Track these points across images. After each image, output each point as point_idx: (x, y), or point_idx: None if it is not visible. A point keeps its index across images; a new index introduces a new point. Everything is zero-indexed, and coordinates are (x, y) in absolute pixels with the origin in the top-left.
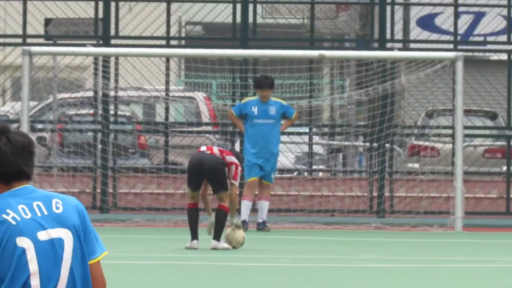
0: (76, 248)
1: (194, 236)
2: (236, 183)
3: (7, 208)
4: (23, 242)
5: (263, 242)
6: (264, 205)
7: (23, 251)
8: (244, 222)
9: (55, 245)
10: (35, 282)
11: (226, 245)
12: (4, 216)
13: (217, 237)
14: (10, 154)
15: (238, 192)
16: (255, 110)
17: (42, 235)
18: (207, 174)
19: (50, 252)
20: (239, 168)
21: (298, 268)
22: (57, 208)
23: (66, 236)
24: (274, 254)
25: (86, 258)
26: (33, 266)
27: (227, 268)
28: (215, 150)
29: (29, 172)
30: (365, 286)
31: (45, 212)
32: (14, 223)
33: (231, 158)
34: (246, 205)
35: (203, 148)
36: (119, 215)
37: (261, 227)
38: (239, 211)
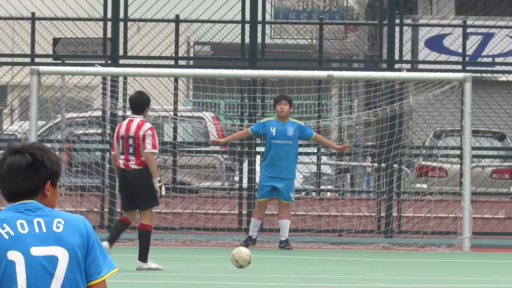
0: (73, 268)
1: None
2: (156, 150)
3: (4, 223)
4: (14, 255)
5: (270, 262)
6: (285, 224)
7: (13, 264)
8: (250, 238)
9: (47, 262)
10: None
11: (153, 265)
12: None
13: (142, 258)
14: (4, 177)
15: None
16: (273, 130)
17: (35, 251)
18: (130, 191)
19: (40, 268)
20: (155, 133)
21: (306, 287)
22: (58, 227)
23: (61, 254)
24: (282, 274)
25: (84, 278)
26: (21, 279)
27: None
28: (131, 159)
29: (26, 190)
30: None
31: (44, 230)
32: (6, 237)
33: (146, 126)
34: (254, 223)
35: (121, 163)
36: (127, 234)
37: (284, 245)
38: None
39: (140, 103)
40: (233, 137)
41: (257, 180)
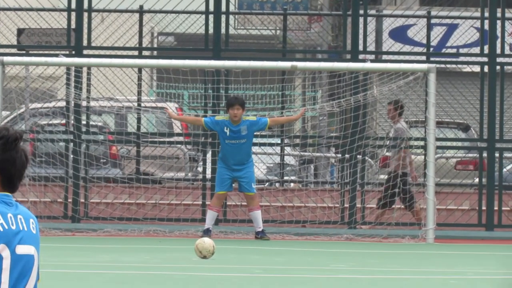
0: (38, 269)
1: None
2: None
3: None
4: (3, 250)
5: (234, 252)
6: (256, 215)
7: (1, 259)
8: (208, 230)
9: (28, 261)
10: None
11: None
12: None
13: None
14: (19, 159)
15: None
16: (227, 131)
17: (19, 249)
18: None
19: (21, 266)
20: None
21: (270, 278)
22: (33, 228)
23: (35, 254)
24: (246, 265)
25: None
26: (5, 276)
27: (197, 278)
28: None
29: (17, 188)
30: None
31: (25, 229)
32: (1, 229)
33: None
34: (212, 216)
35: None
36: (91, 224)
37: (261, 236)
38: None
39: None
40: (186, 119)
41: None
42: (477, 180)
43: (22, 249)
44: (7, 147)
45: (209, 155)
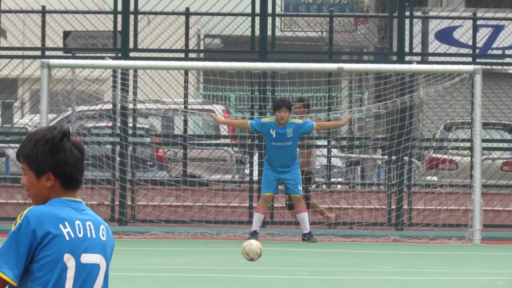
0: (107, 277)
1: None
2: None
3: (66, 220)
4: (69, 260)
5: (281, 254)
6: (303, 217)
7: (66, 268)
8: (255, 232)
9: (92, 270)
10: None
11: None
12: (61, 227)
13: None
14: (76, 158)
15: None
16: (273, 133)
17: (84, 258)
18: None
19: (85, 275)
20: None
21: (316, 280)
22: (103, 235)
23: (102, 263)
24: (292, 266)
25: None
26: (68, 285)
27: (245, 280)
28: None
29: (81, 181)
30: None
31: (94, 236)
32: (67, 238)
33: None
34: (258, 218)
35: None
36: (138, 227)
37: (308, 238)
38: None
39: None
40: (232, 122)
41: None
42: None
43: (87, 258)
44: (54, 150)
45: (255, 157)
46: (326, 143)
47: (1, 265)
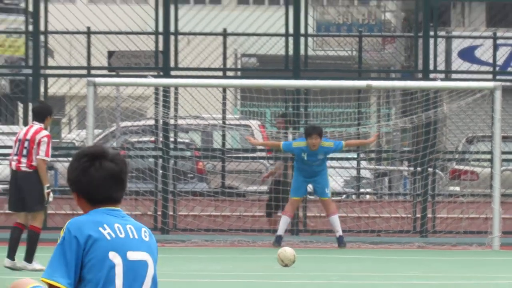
0: (155, 278)
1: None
2: (48, 158)
3: (104, 223)
4: (115, 258)
5: (313, 261)
6: (333, 220)
7: (113, 266)
8: (279, 237)
9: (140, 266)
10: None
11: (38, 266)
12: (100, 229)
13: (27, 258)
14: (101, 180)
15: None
16: (304, 156)
17: (131, 255)
18: (19, 192)
19: (134, 272)
20: (50, 142)
21: (346, 285)
22: (145, 236)
23: (149, 261)
24: (324, 272)
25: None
26: (119, 282)
27: (279, 285)
28: (22, 161)
29: (116, 197)
30: None
31: (136, 236)
32: (109, 238)
33: (43, 133)
34: (284, 220)
35: (13, 164)
36: (179, 236)
37: (340, 242)
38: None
39: (40, 112)
40: (266, 144)
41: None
42: None
43: (134, 256)
44: (78, 175)
45: (289, 170)
46: (356, 156)
47: (53, 275)
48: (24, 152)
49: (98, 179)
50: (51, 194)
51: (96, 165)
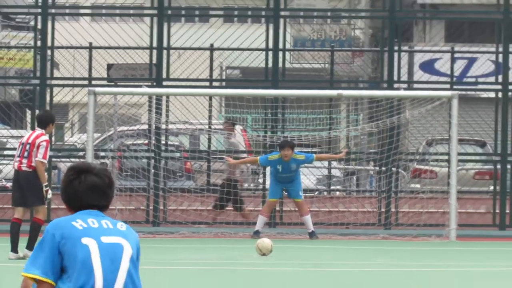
0: (133, 260)
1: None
2: (44, 161)
3: (77, 219)
4: (88, 241)
5: (289, 251)
6: (306, 219)
7: (87, 247)
8: (257, 231)
9: (115, 248)
10: (98, 275)
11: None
12: (73, 223)
13: (29, 246)
14: (82, 192)
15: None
16: (279, 167)
17: (105, 239)
18: (20, 190)
19: (109, 252)
20: (48, 147)
21: (319, 272)
22: (121, 227)
23: (126, 245)
24: (299, 260)
25: (139, 276)
26: (96, 261)
27: (258, 272)
28: (23, 162)
29: (100, 206)
30: (375, 286)
31: (111, 227)
32: (80, 228)
33: (43, 138)
34: (261, 220)
35: (16, 165)
36: (169, 228)
37: (312, 236)
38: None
39: (43, 120)
40: (243, 161)
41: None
42: (492, 187)
43: (109, 239)
44: (65, 187)
45: (268, 169)
46: None
47: (29, 269)
48: (25, 154)
49: (80, 191)
50: (50, 191)
51: (81, 178)
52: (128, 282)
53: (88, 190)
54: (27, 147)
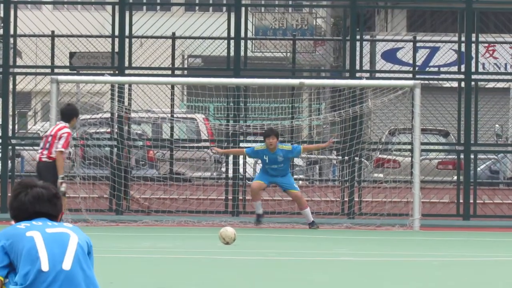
0: (82, 248)
1: None
2: (66, 150)
3: (22, 223)
4: (32, 233)
5: (252, 239)
6: (306, 212)
7: (32, 237)
8: (260, 215)
9: (61, 235)
10: (44, 259)
11: None
12: (17, 226)
13: None
14: (27, 201)
15: (64, 159)
16: (266, 158)
17: (50, 230)
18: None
19: (55, 239)
20: (70, 136)
21: (282, 260)
22: (67, 225)
23: (72, 234)
24: (262, 249)
25: (91, 267)
26: (41, 248)
27: (222, 261)
28: (44, 153)
29: (49, 214)
30: (337, 276)
31: (56, 224)
32: (24, 227)
33: (64, 130)
34: (257, 205)
35: (37, 156)
36: (132, 216)
37: (312, 226)
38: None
39: (67, 113)
40: (230, 151)
41: (240, 170)
42: (455, 177)
43: (53, 230)
44: (12, 202)
45: (231, 157)
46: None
47: None
48: (47, 145)
49: (26, 201)
50: (64, 185)
51: (27, 191)
52: (76, 266)
53: (34, 199)
54: (49, 139)
